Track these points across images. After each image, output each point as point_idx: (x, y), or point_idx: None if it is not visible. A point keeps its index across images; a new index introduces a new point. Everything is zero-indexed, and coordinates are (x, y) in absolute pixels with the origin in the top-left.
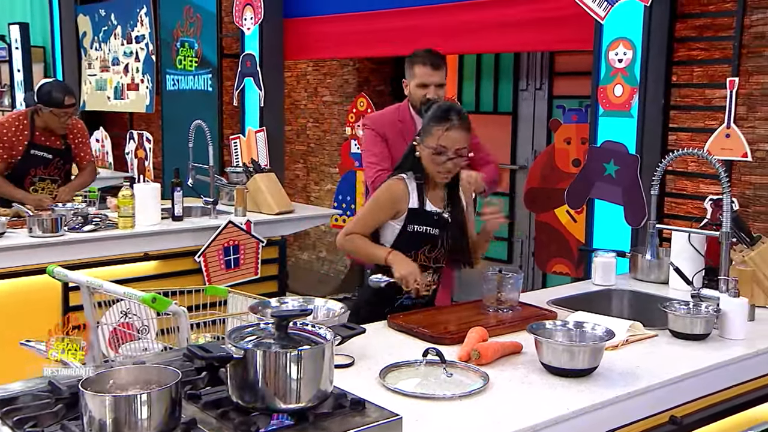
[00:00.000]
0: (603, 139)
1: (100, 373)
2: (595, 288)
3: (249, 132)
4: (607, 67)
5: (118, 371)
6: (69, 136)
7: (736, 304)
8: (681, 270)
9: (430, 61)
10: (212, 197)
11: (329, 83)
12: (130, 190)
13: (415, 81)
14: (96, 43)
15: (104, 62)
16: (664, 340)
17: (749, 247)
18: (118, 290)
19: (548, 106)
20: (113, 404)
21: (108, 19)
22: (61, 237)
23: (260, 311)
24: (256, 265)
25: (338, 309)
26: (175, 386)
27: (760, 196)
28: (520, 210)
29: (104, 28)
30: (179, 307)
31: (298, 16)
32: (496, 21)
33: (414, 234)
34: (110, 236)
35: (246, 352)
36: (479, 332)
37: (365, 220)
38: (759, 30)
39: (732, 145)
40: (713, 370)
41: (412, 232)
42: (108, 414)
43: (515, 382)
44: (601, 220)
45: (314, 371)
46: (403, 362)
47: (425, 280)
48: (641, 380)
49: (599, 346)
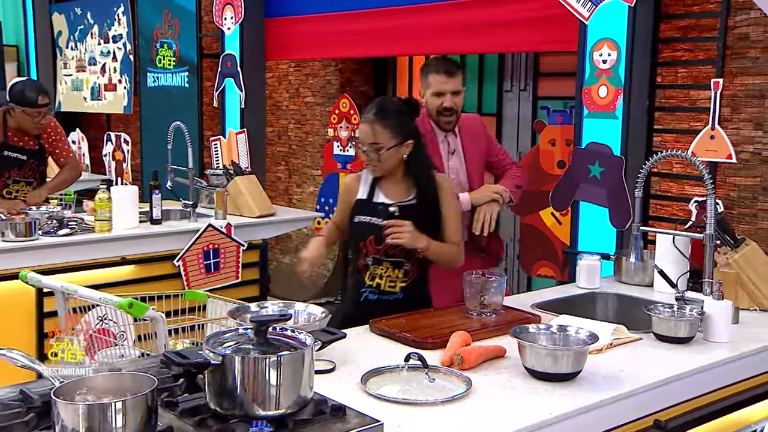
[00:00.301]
0: (588, 140)
1: (73, 381)
2: (579, 291)
3: (229, 133)
4: (591, 68)
5: (92, 379)
6: (42, 135)
7: (720, 307)
8: (665, 272)
9: (444, 69)
10: (191, 200)
11: (311, 84)
12: (107, 193)
13: (430, 90)
14: (72, 43)
15: (80, 62)
16: (648, 343)
17: (733, 249)
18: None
19: (533, 107)
20: (86, 413)
21: (84, 18)
22: (35, 241)
23: (239, 316)
24: (237, 269)
25: (319, 313)
26: (150, 393)
27: (744, 198)
28: (504, 212)
29: (80, 27)
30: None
31: (279, 16)
32: (480, 21)
33: (359, 224)
34: (86, 240)
35: (224, 358)
36: (462, 336)
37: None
38: (742, 31)
39: (716, 147)
40: (697, 373)
41: (357, 222)
42: (81, 423)
43: (498, 386)
44: (585, 223)
45: (294, 377)
46: (384, 367)
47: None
48: (625, 384)
49: (583, 350)
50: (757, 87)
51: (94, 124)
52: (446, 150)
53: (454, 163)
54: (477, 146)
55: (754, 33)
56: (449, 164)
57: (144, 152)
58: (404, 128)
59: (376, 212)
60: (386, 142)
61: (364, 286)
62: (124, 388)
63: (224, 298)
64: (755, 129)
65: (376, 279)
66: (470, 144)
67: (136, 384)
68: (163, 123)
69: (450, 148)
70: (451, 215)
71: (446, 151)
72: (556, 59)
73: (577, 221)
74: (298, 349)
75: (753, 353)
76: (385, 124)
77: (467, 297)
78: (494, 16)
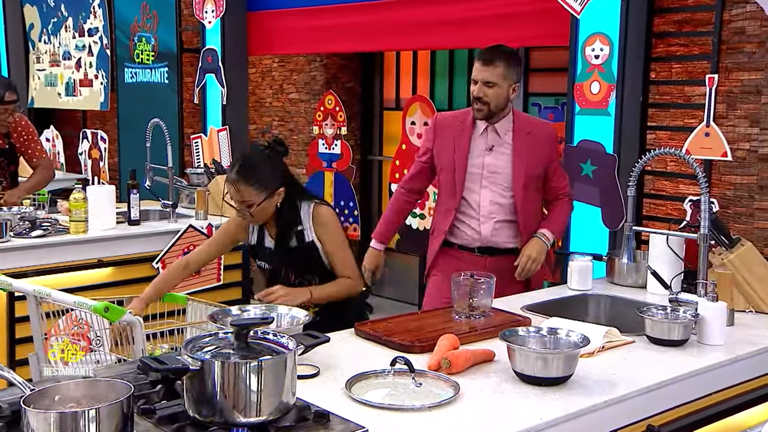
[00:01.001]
0: (580, 137)
1: (44, 389)
2: (571, 293)
3: (211, 131)
4: (583, 64)
5: (65, 386)
6: (13, 135)
7: (714, 309)
8: (658, 274)
9: (482, 56)
10: (171, 200)
11: (296, 80)
12: (82, 193)
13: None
14: (45, 36)
15: (54, 56)
16: (641, 346)
17: (728, 249)
18: (67, 299)
19: (524, 104)
20: (58, 422)
21: (58, 10)
22: (6, 243)
23: (220, 320)
24: (219, 272)
25: (302, 317)
26: (126, 401)
27: (740, 197)
28: None
29: (53, 19)
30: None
31: (262, 9)
32: (470, 15)
33: (259, 268)
34: (61, 242)
35: (203, 363)
36: (450, 340)
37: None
38: (738, 25)
39: (711, 144)
40: (691, 377)
41: (258, 265)
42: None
43: (487, 391)
44: (578, 223)
45: (275, 382)
46: (370, 372)
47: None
48: (617, 388)
49: (574, 353)
50: (753, 83)
51: (69, 121)
52: (484, 145)
53: (491, 160)
54: (536, 153)
55: (750, 27)
56: (485, 160)
57: (122, 150)
58: (271, 180)
59: (267, 257)
60: (254, 198)
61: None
62: (99, 395)
63: (205, 301)
64: (751, 126)
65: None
66: (527, 147)
67: (111, 391)
68: (142, 120)
69: (488, 144)
70: (335, 247)
71: (484, 146)
72: (548, 54)
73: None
74: (280, 354)
75: (748, 356)
76: (249, 183)
77: (455, 299)
78: (484, 10)
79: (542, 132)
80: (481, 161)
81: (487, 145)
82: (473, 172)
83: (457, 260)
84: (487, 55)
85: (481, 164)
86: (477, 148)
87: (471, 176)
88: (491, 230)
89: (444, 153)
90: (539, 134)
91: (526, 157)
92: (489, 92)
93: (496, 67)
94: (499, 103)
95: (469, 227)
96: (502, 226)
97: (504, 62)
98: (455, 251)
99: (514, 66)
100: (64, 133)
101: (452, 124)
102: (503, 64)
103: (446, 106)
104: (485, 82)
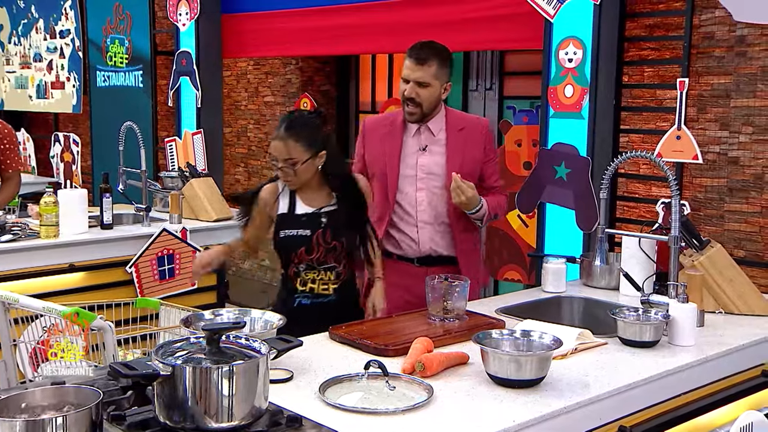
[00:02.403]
0: (554, 140)
1: (11, 396)
2: (545, 295)
3: (185, 134)
4: (557, 67)
5: (32, 393)
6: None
7: (685, 310)
8: (630, 276)
9: (415, 55)
10: (145, 203)
11: (271, 83)
12: (53, 197)
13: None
14: (15, 37)
15: (25, 58)
16: (613, 347)
17: (699, 251)
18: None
19: (499, 107)
20: (24, 429)
21: (28, 11)
22: None
23: (193, 324)
24: None
25: (276, 321)
26: (95, 407)
27: (711, 199)
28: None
29: (23, 20)
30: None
31: (237, 12)
32: (444, 19)
33: (286, 238)
34: (31, 246)
35: (174, 368)
36: (424, 343)
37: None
38: (708, 30)
39: (683, 147)
40: (662, 378)
41: (283, 237)
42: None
43: (461, 394)
44: (552, 225)
45: (248, 387)
46: (344, 375)
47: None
48: (590, 390)
49: (546, 356)
50: (722, 86)
51: (41, 124)
52: (417, 145)
53: (425, 160)
54: (470, 150)
55: (719, 32)
56: (419, 161)
57: (95, 154)
58: (316, 140)
59: (300, 224)
60: (300, 156)
61: (297, 292)
62: (67, 402)
63: (178, 305)
64: (721, 129)
65: (308, 284)
66: (461, 144)
67: (79, 397)
68: (115, 123)
69: (421, 144)
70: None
71: (417, 147)
72: (522, 58)
73: (543, 223)
74: (253, 358)
75: (718, 356)
76: (297, 139)
77: (430, 302)
78: (458, 14)
79: (475, 127)
80: (414, 162)
81: (420, 145)
82: (407, 174)
83: (396, 273)
84: (420, 52)
85: (415, 165)
86: (410, 149)
87: (405, 179)
88: (429, 236)
89: (376, 158)
90: (472, 130)
91: (461, 155)
92: (422, 93)
93: (430, 66)
94: (432, 104)
95: (407, 236)
96: (440, 231)
97: (437, 60)
98: (394, 262)
99: (447, 64)
100: (35, 136)
101: (382, 127)
102: (437, 62)
103: None
104: (418, 82)
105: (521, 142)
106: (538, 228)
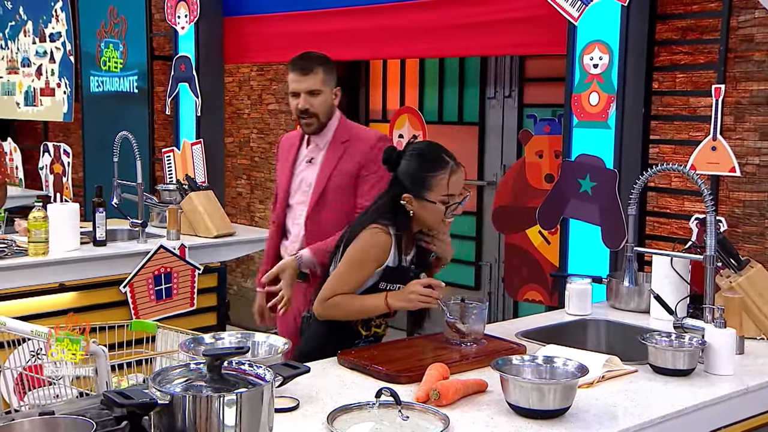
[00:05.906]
0: (578, 152)
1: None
2: (569, 318)
3: (184, 144)
4: (581, 73)
5: (19, 424)
6: None
7: (722, 336)
8: (662, 298)
9: (299, 66)
10: (141, 219)
11: (275, 90)
12: (42, 212)
13: (289, 90)
14: (1, 41)
15: (12, 62)
16: (644, 376)
17: (737, 271)
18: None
19: (518, 116)
20: None
21: (16, 13)
22: None
23: (192, 349)
24: (192, 296)
25: (281, 345)
26: None
27: (750, 215)
28: (488, 230)
29: (11, 23)
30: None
31: (239, 14)
32: (461, 22)
33: (382, 291)
34: (18, 265)
35: (173, 397)
36: (439, 369)
37: (350, 277)
38: (747, 32)
39: (718, 159)
40: (698, 410)
41: (383, 289)
42: None
43: (479, 425)
44: (576, 242)
45: (251, 417)
46: (354, 404)
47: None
48: (619, 422)
49: (571, 384)
50: (762, 93)
51: (29, 133)
52: (303, 157)
53: (307, 173)
54: (345, 164)
55: (760, 34)
56: (298, 171)
57: (87, 165)
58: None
59: (406, 278)
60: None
61: (360, 336)
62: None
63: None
64: (761, 139)
65: (373, 328)
66: (337, 157)
67: (70, 429)
68: (109, 132)
69: (308, 156)
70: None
71: (303, 158)
72: (544, 63)
73: (566, 241)
74: (257, 386)
75: (760, 387)
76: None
77: (445, 325)
78: (476, 16)
79: (359, 141)
80: (300, 176)
81: (307, 158)
82: (293, 189)
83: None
84: (303, 63)
85: (300, 180)
86: (300, 163)
87: (292, 194)
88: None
89: (279, 172)
90: (355, 143)
91: (332, 168)
92: (315, 102)
93: (317, 74)
94: (326, 111)
95: (287, 252)
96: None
97: (322, 68)
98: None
99: (331, 70)
100: (23, 146)
101: (289, 143)
102: (322, 69)
103: (436, 118)
104: (309, 92)
105: (542, 153)
106: (561, 245)
